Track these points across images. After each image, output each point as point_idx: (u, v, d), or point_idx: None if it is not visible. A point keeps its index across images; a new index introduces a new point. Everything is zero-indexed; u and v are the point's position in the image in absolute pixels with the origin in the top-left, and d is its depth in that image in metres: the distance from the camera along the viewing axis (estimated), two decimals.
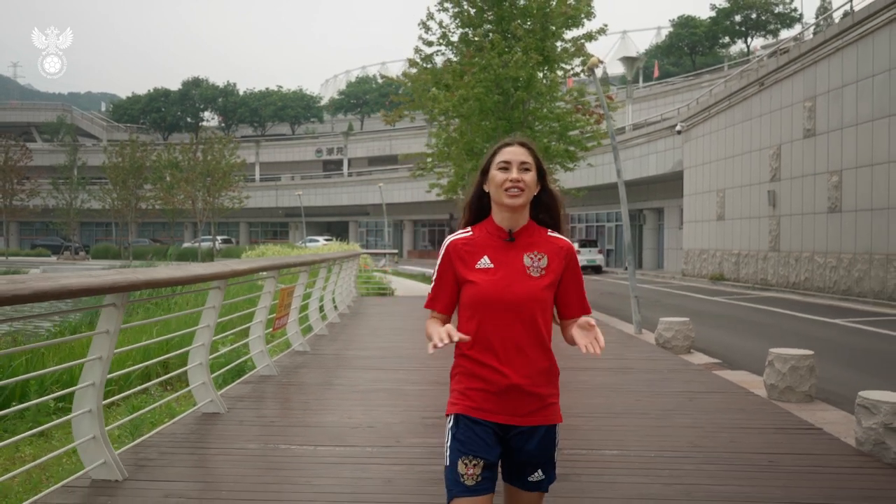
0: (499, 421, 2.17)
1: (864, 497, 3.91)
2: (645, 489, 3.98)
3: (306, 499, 3.86)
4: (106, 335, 4.05)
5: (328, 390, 6.68)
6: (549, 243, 2.25)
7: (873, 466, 4.43)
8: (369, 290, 19.58)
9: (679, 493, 3.90)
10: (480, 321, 2.17)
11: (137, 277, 4.10)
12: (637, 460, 4.51)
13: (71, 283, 3.33)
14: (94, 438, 4.02)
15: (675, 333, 9.45)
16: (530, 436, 2.19)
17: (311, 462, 4.47)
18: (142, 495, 3.84)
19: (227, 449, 4.76)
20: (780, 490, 3.96)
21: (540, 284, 2.18)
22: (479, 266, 2.19)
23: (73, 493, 3.83)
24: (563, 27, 15.55)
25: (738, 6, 53.93)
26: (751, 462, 4.48)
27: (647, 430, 5.23)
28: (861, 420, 4.79)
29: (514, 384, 2.15)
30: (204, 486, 4.15)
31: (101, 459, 4.01)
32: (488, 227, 2.25)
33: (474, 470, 2.14)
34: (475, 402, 2.18)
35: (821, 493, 3.93)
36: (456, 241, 2.27)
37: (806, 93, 19.24)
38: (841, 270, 17.49)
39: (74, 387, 5.11)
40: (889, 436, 4.56)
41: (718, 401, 6.31)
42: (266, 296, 7.21)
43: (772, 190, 21.07)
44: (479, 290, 2.17)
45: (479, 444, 2.15)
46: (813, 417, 5.68)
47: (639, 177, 32.33)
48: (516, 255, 2.20)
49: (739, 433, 5.19)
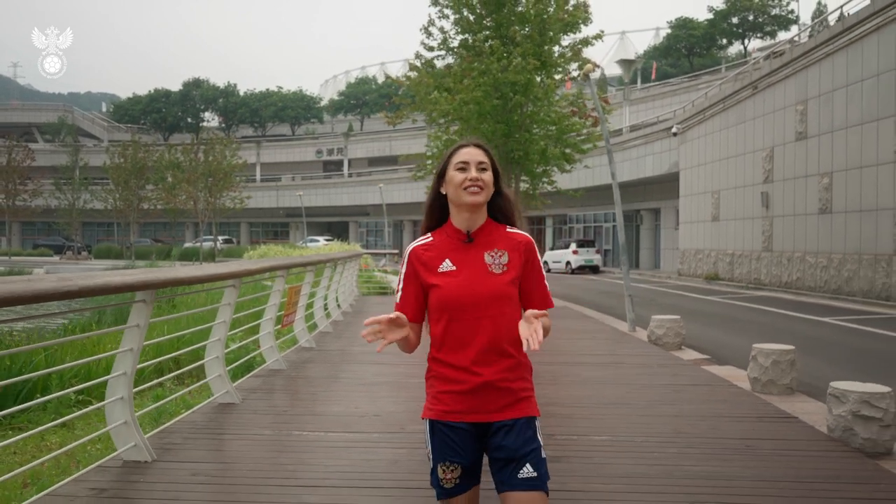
0: (472, 420, 2.19)
1: (830, 478, 4.27)
2: (630, 469, 4.35)
3: (320, 477, 4.23)
4: (137, 328, 4.43)
5: (335, 383, 7.06)
6: (507, 239, 2.26)
7: (841, 450, 4.79)
8: (370, 289, 19.95)
9: (661, 473, 4.27)
10: (448, 322, 2.19)
11: (165, 276, 4.49)
12: (624, 445, 4.89)
13: (114, 280, 3.71)
14: (125, 423, 4.39)
15: (666, 331, 9.83)
16: (508, 430, 2.18)
17: (322, 446, 4.86)
18: (170, 474, 4.21)
19: (243, 434, 5.14)
20: (753, 470, 4.34)
21: (503, 280, 2.20)
22: (442, 269, 2.22)
23: (108, 471, 4.20)
24: (560, 32, 15.93)
25: (735, 8, 54.32)
26: (728, 446, 4.86)
27: (634, 419, 5.61)
28: (832, 408, 5.15)
29: (486, 381, 2.16)
30: (226, 466, 4.53)
31: (132, 442, 4.38)
32: (447, 230, 2.28)
33: (452, 475, 2.19)
34: (447, 406, 2.20)
35: (790, 474, 4.30)
36: (416, 248, 2.29)
37: (798, 96, 19.65)
38: (831, 270, 17.90)
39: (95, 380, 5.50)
40: (857, 422, 4.92)
41: (703, 392, 6.69)
42: (276, 294, 7.58)
43: (765, 191, 21.48)
44: (444, 293, 2.19)
45: (455, 449, 2.18)
46: (791, 408, 6.05)
47: (636, 178, 32.72)
48: (477, 254, 2.22)
49: (720, 421, 5.57)
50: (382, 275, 23.58)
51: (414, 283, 2.25)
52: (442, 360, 2.21)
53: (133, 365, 4.44)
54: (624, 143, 33.27)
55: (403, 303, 2.25)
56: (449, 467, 2.18)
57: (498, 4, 15.63)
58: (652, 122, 35.32)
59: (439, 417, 2.20)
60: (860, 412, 4.92)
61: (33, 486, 4.89)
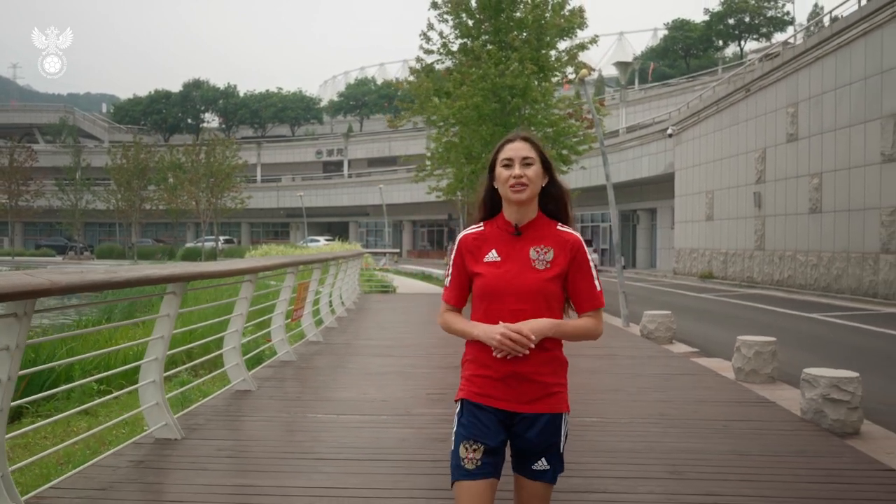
0: (502, 407, 2.23)
1: (797, 452, 4.71)
2: (617, 445, 4.79)
3: (334, 452, 4.66)
4: (167, 318, 4.86)
5: (343, 373, 7.50)
6: (555, 237, 2.29)
7: (812, 430, 5.24)
8: (372, 287, 20.37)
9: (644, 448, 4.71)
10: (486, 310, 2.25)
11: (194, 270, 4.93)
12: (613, 425, 5.33)
13: (153, 272, 4.17)
14: (157, 404, 4.83)
15: (657, 325, 10.28)
16: (532, 423, 2.23)
17: (335, 426, 5.30)
18: (198, 450, 4.64)
19: (262, 417, 5.58)
20: (728, 446, 4.78)
21: (544, 276, 2.23)
22: (487, 259, 2.27)
23: (142, 447, 4.63)
24: (557, 37, 16.36)
25: (731, 10, 54.85)
26: (708, 426, 5.30)
27: (623, 403, 6.06)
28: (804, 392, 5.59)
29: (517, 371, 2.20)
30: (248, 443, 4.97)
31: (163, 422, 4.82)
32: (498, 222, 2.33)
33: (474, 454, 2.20)
34: (479, 388, 2.24)
35: (761, 449, 4.74)
36: (467, 236, 2.36)
37: (789, 99, 20.13)
38: (821, 268, 18.37)
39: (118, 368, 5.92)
40: (826, 405, 5.36)
41: (689, 381, 7.14)
42: (286, 289, 8.02)
43: (757, 191, 21.97)
44: (486, 282, 2.25)
45: (481, 429, 2.22)
46: (770, 394, 6.50)
47: (632, 178, 33.19)
48: (522, 248, 2.26)
49: (702, 405, 6.02)
50: (383, 274, 24.00)
51: (461, 269, 2.33)
52: (480, 346, 2.25)
53: (164, 351, 4.88)
54: (620, 144, 33.75)
55: (452, 287, 2.36)
56: (472, 446, 2.21)
57: (496, 10, 16.06)
58: (648, 123, 35.80)
59: (470, 398, 2.25)
60: (830, 395, 5.36)
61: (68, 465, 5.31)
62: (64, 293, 3.43)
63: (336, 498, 3.75)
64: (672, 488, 3.92)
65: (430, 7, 16.73)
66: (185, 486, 4.01)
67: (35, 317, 3.38)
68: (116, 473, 4.13)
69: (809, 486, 3.98)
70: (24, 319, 3.28)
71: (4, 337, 3.25)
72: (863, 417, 5.45)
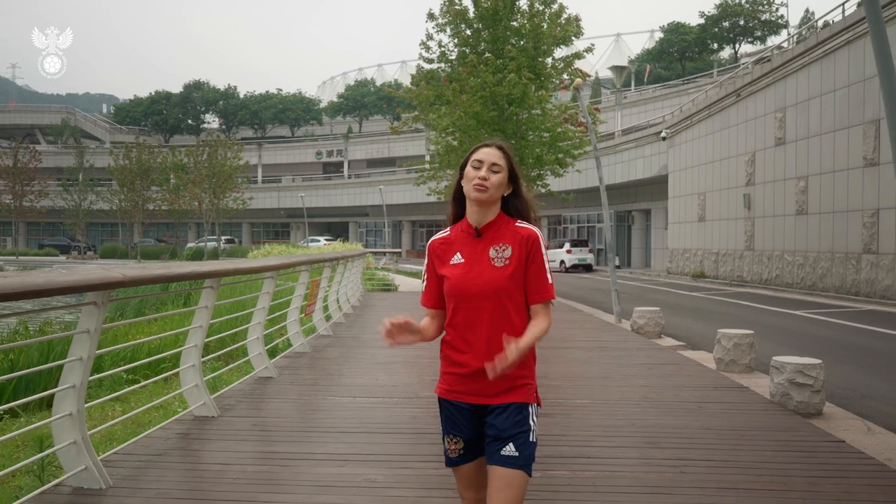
0: (472, 402, 2.36)
1: (761, 428, 5.35)
2: (602, 422, 5.44)
3: (353, 427, 5.30)
4: (205, 310, 5.50)
5: (354, 362, 8.15)
6: (513, 233, 2.38)
7: (778, 410, 5.88)
8: (374, 286, 21.00)
9: (626, 424, 5.36)
10: (454, 310, 2.37)
11: (230, 266, 5.58)
12: (600, 406, 5.98)
13: (198, 268, 4.80)
14: (196, 386, 5.47)
15: (647, 321, 10.92)
16: (501, 412, 2.33)
17: (352, 406, 5.94)
18: (234, 425, 5.28)
19: (286, 398, 6.23)
20: (701, 423, 5.43)
21: (503, 274, 2.32)
22: (453, 262, 2.39)
23: (184, 423, 5.27)
24: (553, 45, 17.01)
25: (725, 13, 55.55)
26: (684, 407, 5.96)
27: (610, 388, 6.71)
28: (773, 378, 6.24)
29: (482, 367, 2.27)
30: (277, 419, 5.62)
31: (201, 401, 5.46)
32: (462, 225, 2.44)
33: (455, 446, 2.42)
34: (450, 386, 2.40)
35: (730, 425, 5.39)
36: (434, 241, 2.49)
37: (777, 104, 20.82)
38: (807, 268, 19.07)
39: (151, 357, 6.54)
40: (792, 388, 5.99)
41: (672, 370, 7.78)
42: (301, 286, 8.66)
43: (747, 193, 22.67)
44: (451, 283, 2.37)
45: (456, 424, 2.41)
46: (746, 381, 7.14)
47: (627, 180, 33.87)
48: (483, 248, 2.37)
49: (681, 389, 6.67)
50: (384, 273, 24.61)
51: (433, 273, 2.46)
52: (449, 344, 2.41)
53: (202, 338, 5.52)
54: (616, 147, 34.43)
55: (427, 292, 2.49)
56: (453, 439, 2.41)
57: (494, 20, 16.70)
58: (643, 126, 36.47)
59: (444, 395, 2.42)
60: (795, 380, 5.99)
61: (129, 434, 5.77)
62: (133, 285, 4.07)
63: (360, 462, 4.39)
64: (649, 454, 4.56)
65: (427, 18, 17.35)
66: (225, 453, 4.65)
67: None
68: (167, 443, 4.77)
69: (766, 453, 4.63)
70: (102, 308, 3.92)
71: (86, 322, 3.89)
72: (825, 400, 6.08)
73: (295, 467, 4.31)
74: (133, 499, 3.75)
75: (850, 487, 4.00)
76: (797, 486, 3.99)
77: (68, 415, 3.81)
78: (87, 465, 3.83)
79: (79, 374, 3.83)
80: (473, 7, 16.81)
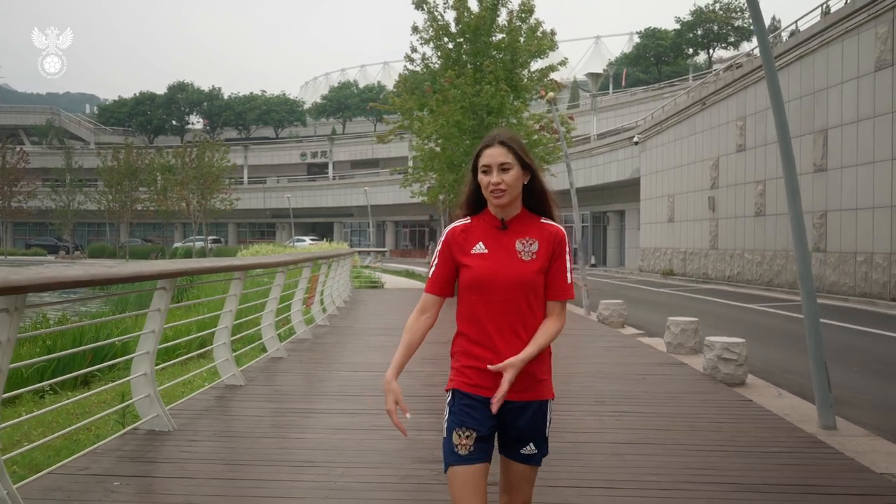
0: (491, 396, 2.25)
1: (689, 392, 6.61)
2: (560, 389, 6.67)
3: (356, 391, 6.49)
4: (234, 297, 6.67)
5: (351, 346, 9.34)
6: (540, 229, 2.33)
7: (707, 380, 7.14)
8: (361, 283, 22.15)
9: (580, 389, 6.60)
10: (475, 302, 2.28)
11: (252, 261, 6.76)
12: (560, 377, 7.04)
13: (223, 263, 5.98)
14: (226, 360, 6.63)
15: (611, 312, 12.21)
16: (522, 411, 2.28)
17: (355, 378, 7.15)
18: (260, 393, 6.45)
19: (296, 373, 7.42)
20: (641, 388, 6.69)
21: (531, 268, 2.27)
22: (475, 251, 2.30)
23: (217, 389, 6.42)
24: (529, 58, 18.27)
25: (700, 20, 57.29)
26: (630, 378, 7.22)
27: (571, 365, 7.96)
28: (705, 354, 7.51)
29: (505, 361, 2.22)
30: (293, 386, 6.81)
31: (231, 372, 6.62)
32: (485, 216, 2.35)
33: (467, 441, 2.25)
34: (470, 379, 2.29)
35: (664, 390, 6.65)
36: (454, 228, 2.39)
37: (738, 113, 22.32)
38: (765, 265, 20.55)
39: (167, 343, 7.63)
40: (720, 363, 7.25)
41: (627, 352, 9.06)
42: (303, 280, 9.83)
43: (711, 196, 24.18)
44: (474, 273, 2.28)
45: (472, 417, 2.26)
46: (687, 360, 8.40)
47: (602, 182, 35.32)
48: (509, 240, 2.30)
49: (631, 366, 7.94)
50: (370, 271, 25.77)
51: (448, 261, 2.36)
52: (467, 337, 2.32)
53: (231, 320, 6.67)
54: (592, 150, 35.87)
55: (435, 278, 2.38)
56: (464, 433, 2.26)
57: (476, 34, 17.91)
58: (617, 130, 37.95)
59: (462, 388, 2.30)
60: (723, 356, 7.26)
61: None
62: (197, 274, 5.25)
63: (366, 414, 5.59)
64: (594, 409, 5.80)
65: (411, 31, 18.51)
66: (256, 409, 5.82)
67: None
68: (211, 402, 5.93)
69: (686, 408, 5.90)
70: (169, 292, 5.08)
71: (157, 302, 5.04)
72: (748, 372, 7.36)
73: (315, 417, 5.51)
74: (193, 439, 4.92)
75: (744, 429, 5.24)
76: (703, 428, 5.24)
77: (143, 374, 4.98)
78: (158, 413, 4.99)
79: (152, 343, 5.00)
80: (456, 23, 17.99)
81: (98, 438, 5.10)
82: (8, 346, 3.33)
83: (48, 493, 3.70)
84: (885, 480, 4.09)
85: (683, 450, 4.65)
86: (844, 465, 4.39)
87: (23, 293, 3.32)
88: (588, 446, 4.79)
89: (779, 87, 5.93)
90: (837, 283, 17.27)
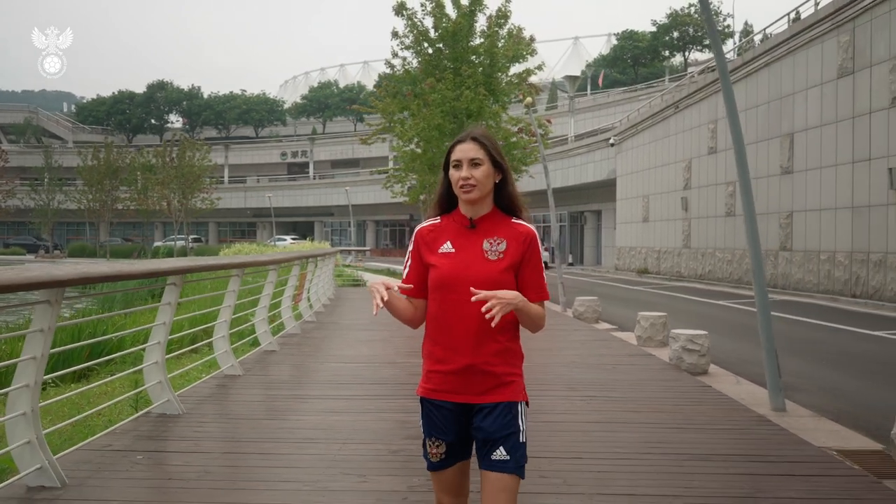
0: (458, 400, 2.25)
1: (653, 379, 7.18)
2: (536, 377, 7.21)
3: (347, 380, 6.97)
4: (233, 293, 7.13)
5: (339, 340, 9.82)
6: (509, 229, 2.30)
7: (672, 369, 7.73)
8: (344, 282, 22.58)
9: (555, 378, 7.15)
10: (440, 302, 2.26)
11: (251, 259, 7.23)
12: (536, 367, 7.73)
13: (224, 261, 6.44)
14: (225, 352, 7.09)
15: (586, 308, 12.79)
16: (489, 413, 2.23)
17: (345, 368, 7.64)
18: (258, 381, 6.92)
19: (289, 364, 7.89)
20: (610, 377, 7.26)
21: (497, 268, 2.23)
22: (442, 250, 2.29)
23: (218, 379, 6.88)
24: (507, 63, 18.85)
25: (676, 23, 58.37)
26: (601, 367, 7.78)
27: (547, 357, 8.50)
28: (671, 345, 8.10)
29: (470, 363, 2.22)
30: (290, 375, 7.30)
31: (230, 363, 7.08)
32: (455, 215, 2.34)
33: (437, 450, 2.29)
34: (434, 385, 2.29)
35: (631, 378, 7.21)
36: (423, 228, 2.38)
37: (710, 116, 23.10)
38: (734, 264, 21.33)
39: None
40: (685, 353, 7.82)
41: (600, 344, 9.64)
42: (293, 277, 10.29)
43: (684, 197, 24.97)
44: (440, 273, 2.26)
45: (438, 427, 2.29)
46: (655, 352, 8.98)
47: (580, 182, 36.06)
48: (476, 239, 2.27)
49: (602, 357, 8.51)
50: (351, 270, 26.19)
51: (418, 260, 2.35)
52: (433, 339, 2.31)
53: (229, 315, 7.13)
54: (569, 152, 36.60)
55: (408, 279, 2.37)
56: (434, 443, 2.29)
57: (455, 39, 18.45)
58: (594, 132, 38.72)
59: (427, 395, 2.30)
60: (687, 347, 7.84)
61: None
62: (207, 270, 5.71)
63: (358, 399, 6.09)
64: (566, 393, 6.36)
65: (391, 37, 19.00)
66: (256, 396, 6.30)
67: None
68: (213, 389, 6.39)
69: (651, 392, 6.47)
70: (179, 287, 5.54)
71: (168, 296, 5.51)
72: (710, 362, 7.95)
73: (311, 402, 6.00)
74: (202, 420, 5.39)
75: (701, 409, 5.81)
76: (664, 409, 5.80)
77: (154, 363, 5.44)
78: (169, 398, 5.45)
79: (163, 334, 5.46)
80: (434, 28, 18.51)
81: (111, 423, 5.53)
82: (49, 333, 3.80)
83: (79, 465, 4.16)
84: (822, 452, 4.66)
85: (645, 427, 5.20)
86: (787, 439, 4.97)
87: (63, 287, 3.79)
88: (560, 425, 5.33)
89: (734, 101, 6.53)
90: (803, 281, 18.05)
